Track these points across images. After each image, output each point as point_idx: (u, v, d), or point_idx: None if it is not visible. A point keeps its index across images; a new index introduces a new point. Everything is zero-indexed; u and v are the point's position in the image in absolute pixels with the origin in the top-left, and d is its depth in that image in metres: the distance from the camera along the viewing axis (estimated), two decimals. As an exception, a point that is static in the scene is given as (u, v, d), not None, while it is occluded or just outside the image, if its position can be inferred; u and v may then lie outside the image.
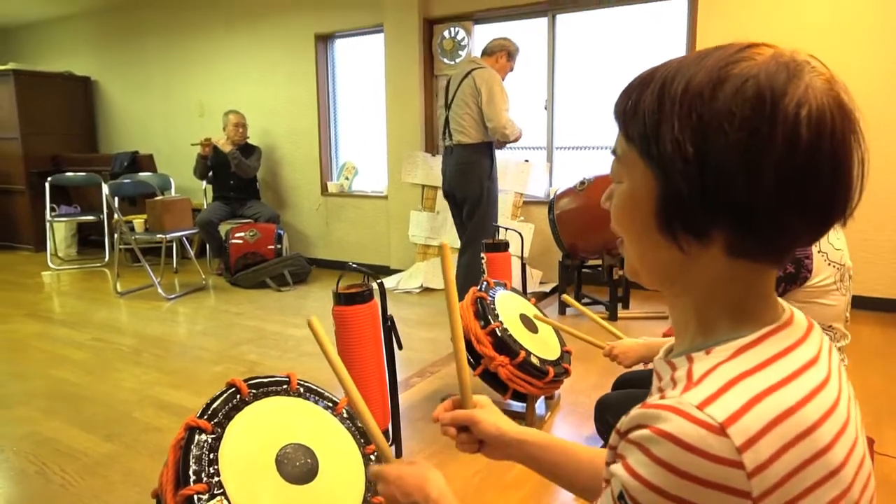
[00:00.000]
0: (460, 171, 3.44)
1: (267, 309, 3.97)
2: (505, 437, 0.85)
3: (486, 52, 3.44)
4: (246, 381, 1.29)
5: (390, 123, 4.67)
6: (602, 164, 3.97)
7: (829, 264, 1.51)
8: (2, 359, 3.14)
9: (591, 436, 2.09)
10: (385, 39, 4.59)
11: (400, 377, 2.57)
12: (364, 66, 5.00)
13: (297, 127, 5.22)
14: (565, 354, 2.25)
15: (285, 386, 1.34)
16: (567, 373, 2.18)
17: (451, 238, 4.46)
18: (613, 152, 0.60)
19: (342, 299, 1.87)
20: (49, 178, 5.35)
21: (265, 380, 1.33)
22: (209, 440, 1.15)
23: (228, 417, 1.20)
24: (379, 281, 1.94)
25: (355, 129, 5.18)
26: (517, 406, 2.30)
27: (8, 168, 6.16)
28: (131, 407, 2.50)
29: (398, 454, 2.01)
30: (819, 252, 1.51)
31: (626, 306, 3.60)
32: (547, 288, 3.98)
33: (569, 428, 2.20)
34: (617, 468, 0.51)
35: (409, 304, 3.99)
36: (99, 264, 5.46)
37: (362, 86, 5.05)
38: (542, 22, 4.22)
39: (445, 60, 4.54)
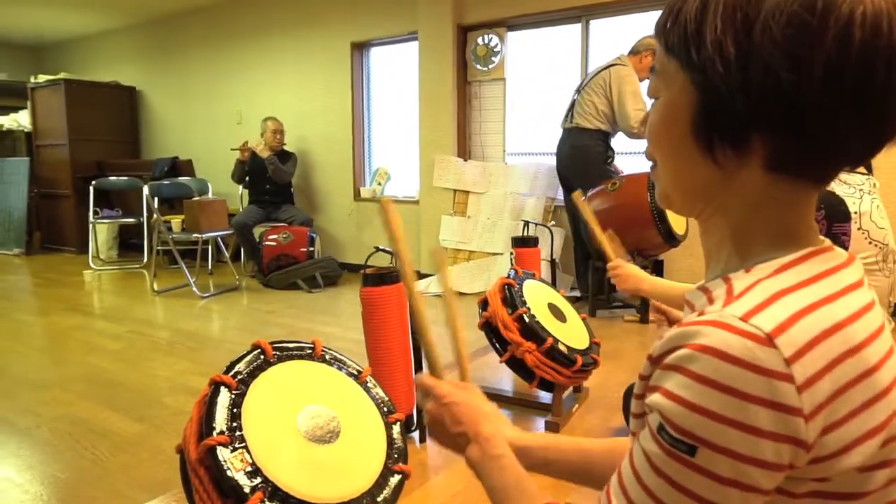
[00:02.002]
0: (573, 154, 3.57)
1: (298, 308, 4.01)
2: (511, 447, 0.79)
3: (633, 51, 3.54)
4: (271, 343, 1.30)
5: (423, 129, 4.70)
6: (633, 166, 3.92)
7: (871, 243, 1.46)
8: (42, 347, 3.24)
9: (620, 428, 2.05)
10: (419, 47, 4.64)
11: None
12: (398, 73, 5.07)
13: (332, 133, 5.30)
14: (594, 345, 2.21)
15: (310, 351, 1.36)
16: (596, 363, 2.13)
17: (481, 243, 4.46)
18: (652, 69, 0.58)
19: (370, 280, 1.88)
20: (93, 182, 5.52)
21: (290, 344, 1.34)
22: (233, 396, 1.16)
23: (253, 376, 1.21)
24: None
25: (388, 135, 5.24)
26: (544, 397, 2.26)
27: (56, 174, 6.40)
28: (162, 393, 2.54)
29: (421, 440, 1.99)
30: (860, 230, 1.46)
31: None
32: (578, 293, 3.92)
33: (596, 421, 2.15)
34: (654, 398, 0.47)
35: (438, 306, 3.98)
36: (137, 266, 5.60)
37: (396, 92, 5.11)
38: (576, 28, 4.22)
39: (478, 67, 4.57)
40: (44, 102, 6.49)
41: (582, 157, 3.57)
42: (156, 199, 4.85)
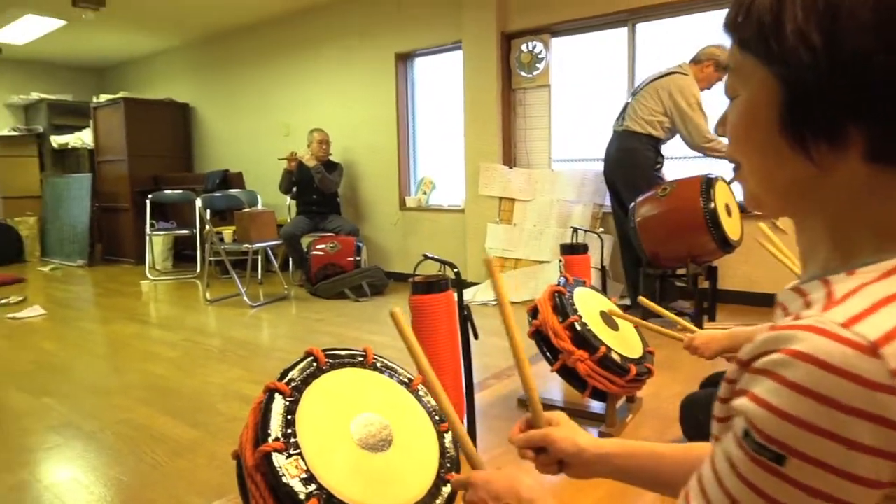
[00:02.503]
0: (620, 157, 3.54)
1: (346, 317, 4.06)
2: (585, 454, 0.79)
3: (694, 60, 3.51)
4: (324, 351, 1.31)
5: (468, 137, 4.70)
6: (684, 171, 3.82)
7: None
8: (104, 354, 3.37)
9: (676, 440, 1.97)
10: (463, 55, 4.65)
11: (476, 379, 2.54)
12: (442, 82, 5.10)
13: (377, 144, 5.36)
14: (648, 354, 2.15)
15: (361, 359, 1.35)
16: (650, 373, 2.08)
17: (528, 251, 4.42)
18: (725, 67, 0.56)
19: (419, 288, 1.88)
20: (149, 196, 5.74)
21: (342, 352, 1.34)
22: (287, 403, 1.16)
23: (306, 383, 1.22)
24: (455, 270, 1.93)
25: (433, 144, 5.27)
26: (597, 407, 2.21)
27: (116, 188, 6.68)
28: (216, 399, 2.59)
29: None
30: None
31: (712, 318, 3.41)
32: (628, 301, 3.84)
33: (650, 432, 2.09)
34: (741, 402, 0.45)
35: (484, 315, 3.95)
36: (191, 276, 5.78)
37: (440, 101, 5.14)
38: (622, 32, 4.16)
39: (523, 74, 4.54)
40: (105, 121, 6.78)
41: (630, 160, 3.52)
42: (208, 211, 5.01)
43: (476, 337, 1.91)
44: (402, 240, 5.31)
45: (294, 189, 5.26)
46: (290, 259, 5.31)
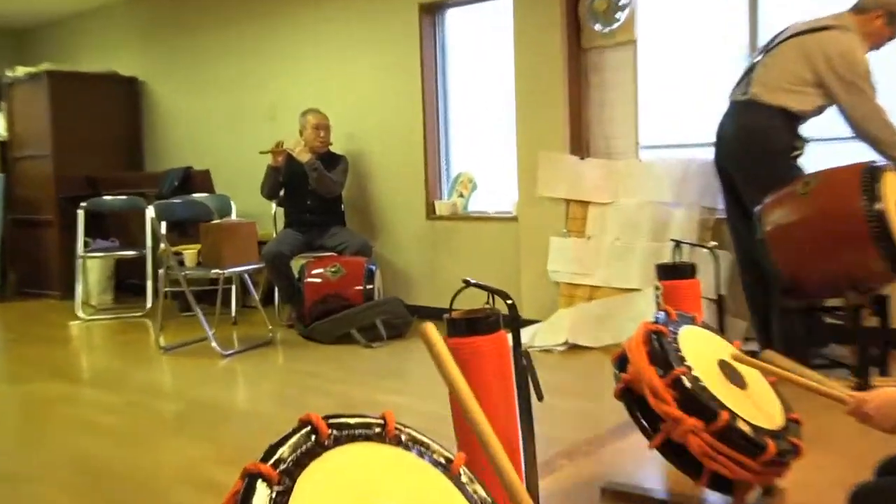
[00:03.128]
0: (742, 136, 3.53)
1: (353, 370, 4.06)
2: None
3: (858, 9, 3.48)
4: (326, 418, 1.29)
5: (521, 118, 4.70)
6: (829, 158, 3.66)
7: None
8: (15, 426, 3.42)
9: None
10: (513, 4, 4.65)
11: (540, 458, 2.49)
12: (484, 42, 5.07)
13: (395, 129, 5.37)
14: (792, 424, 2.09)
15: (379, 430, 1.34)
16: (796, 451, 2.01)
17: (608, 274, 4.38)
18: None
19: (458, 328, 1.86)
20: (83, 204, 5.80)
21: (352, 420, 1.33)
22: (274, 494, 1.14)
23: (301, 465, 1.20)
24: (509, 302, 1.91)
25: (472, 128, 5.25)
26: (717, 501, 2.15)
27: (36, 194, 6.80)
28: (172, 486, 2.58)
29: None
30: None
31: (884, 371, 3.31)
32: (756, 346, 3.75)
33: (800, 540, 2.02)
34: None
35: (549, 366, 3.92)
36: (139, 314, 5.83)
37: (482, 69, 5.09)
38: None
39: (598, 28, 4.52)
40: (22, 102, 6.91)
41: (756, 140, 3.48)
42: (163, 223, 5.03)
43: (540, 398, 1.89)
44: (432, 260, 5.28)
45: (281, 193, 5.25)
46: (276, 289, 5.32)
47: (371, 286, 4.78)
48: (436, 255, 5.28)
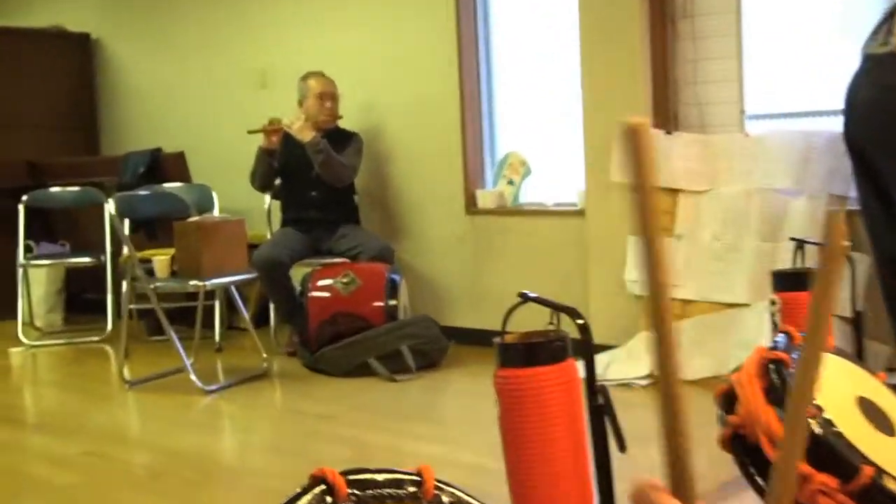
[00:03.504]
0: (878, 100, 3.49)
1: (372, 410, 4.05)
2: None
3: None
4: (344, 474, 1.29)
5: (588, 81, 4.68)
6: None
7: None
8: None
9: None
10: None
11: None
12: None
13: (425, 99, 5.35)
14: (957, 482, 2.04)
15: (414, 489, 1.34)
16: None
17: (706, 284, 4.37)
18: None
19: (513, 355, 1.85)
20: (23, 198, 5.80)
21: (378, 476, 1.33)
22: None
23: (311, 537, 1.20)
24: (580, 322, 1.90)
25: (523, 96, 5.22)
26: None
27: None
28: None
29: None
30: None
31: None
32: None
33: None
34: None
35: (630, 405, 3.80)
36: (97, 338, 5.80)
37: (536, 22, 5.07)
38: None
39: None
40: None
41: None
42: (126, 222, 5.06)
43: (622, 448, 1.90)
44: (474, 268, 5.25)
45: (277, 182, 5.26)
46: (272, 306, 5.32)
47: (394, 302, 4.76)
48: (478, 261, 5.24)
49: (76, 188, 5.91)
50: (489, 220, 5.20)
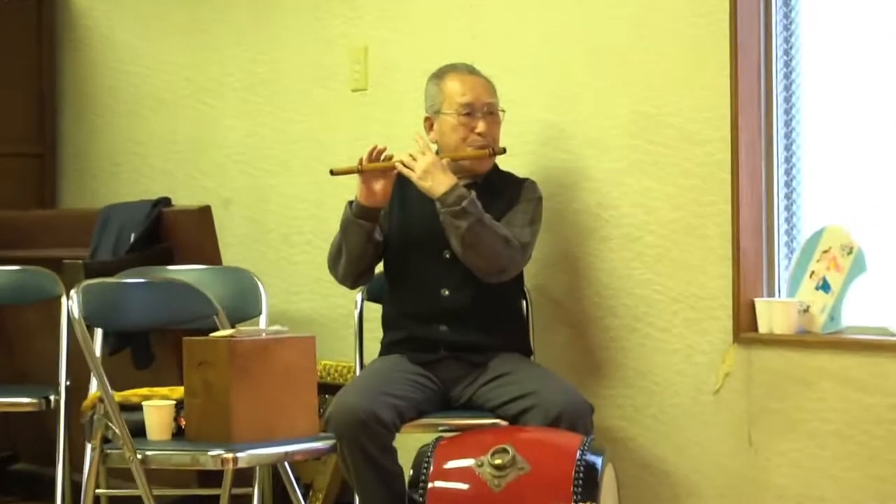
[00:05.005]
0: None
1: None
2: None
3: None
4: None
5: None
6: None
7: None
8: None
9: None
10: None
11: None
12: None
13: (661, 126, 4.11)
14: None
15: None
16: None
17: None
18: None
19: None
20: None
21: None
22: None
23: None
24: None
25: (845, 142, 4.23)
26: None
27: None
28: None
29: None
30: None
31: None
32: None
33: None
34: None
35: None
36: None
37: (862, 33, 4.36)
38: None
39: None
40: None
41: None
42: (98, 332, 3.87)
43: None
44: (749, 449, 3.90)
45: (378, 269, 4.20)
46: (357, 497, 4.19)
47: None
48: (759, 436, 3.80)
49: (13, 267, 4.53)
50: (781, 356, 3.77)
